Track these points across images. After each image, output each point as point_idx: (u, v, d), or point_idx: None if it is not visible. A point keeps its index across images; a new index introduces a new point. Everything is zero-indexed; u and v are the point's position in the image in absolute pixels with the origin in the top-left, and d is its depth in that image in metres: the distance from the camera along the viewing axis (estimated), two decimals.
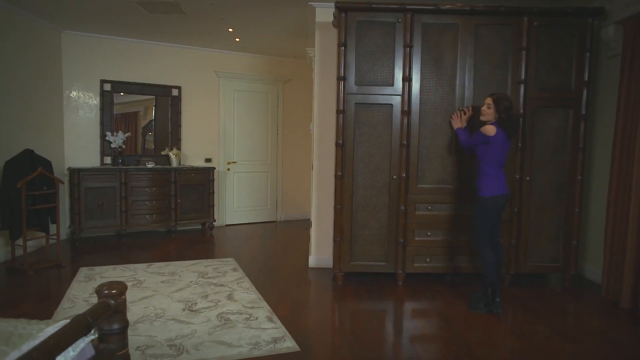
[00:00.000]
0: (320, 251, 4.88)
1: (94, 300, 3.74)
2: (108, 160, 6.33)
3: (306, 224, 7.34)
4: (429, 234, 4.26)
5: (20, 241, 4.64)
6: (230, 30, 5.87)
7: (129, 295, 3.68)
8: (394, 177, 4.22)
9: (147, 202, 6.14)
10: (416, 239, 4.27)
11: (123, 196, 5.95)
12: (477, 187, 3.71)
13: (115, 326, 2.06)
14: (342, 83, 4.14)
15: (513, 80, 4.17)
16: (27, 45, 5.31)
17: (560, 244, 4.30)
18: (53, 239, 4.97)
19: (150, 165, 6.30)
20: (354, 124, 4.19)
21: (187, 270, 4.62)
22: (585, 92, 4.18)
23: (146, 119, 6.84)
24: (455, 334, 3.22)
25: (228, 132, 7.25)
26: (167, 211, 6.31)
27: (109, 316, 2.02)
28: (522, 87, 4.17)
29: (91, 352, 1.94)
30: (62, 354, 1.72)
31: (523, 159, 4.22)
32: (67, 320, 2.03)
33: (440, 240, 4.28)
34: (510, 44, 4.16)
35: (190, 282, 4.25)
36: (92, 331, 1.96)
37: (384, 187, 4.25)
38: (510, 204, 4.22)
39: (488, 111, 3.66)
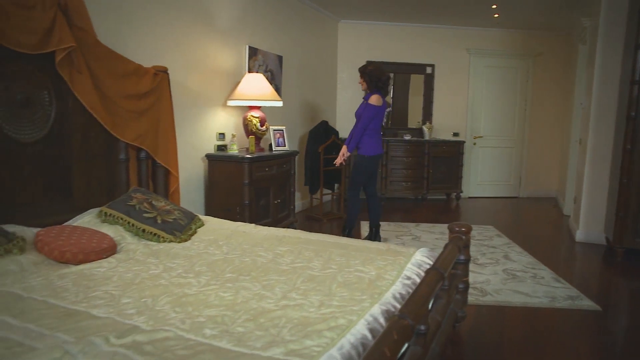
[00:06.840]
0: (589, 226, 4.80)
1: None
2: None
3: (552, 202, 7.17)
4: None
5: (315, 195, 5.77)
6: (494, 6, 6.02)
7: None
8: None
9: (403, 171, 6.83)
10: None
11: (384, 164, 6.74)
12: (358, 147, 4.08)
13: (462, 257, 2.58)
14: (639, 52, 3.97)
15: None
16: (314, 33, 6.39)
17: None
18: (335, 195, 6.02)
19: (407, 137, 6.96)
20: None
21: None
22: None
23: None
24: None
25: (476, 107, 7.46)
26: (419, 180, 6.91)
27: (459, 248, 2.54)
28: None
29: None
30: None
31: None
32: (425, 249, 2.65)
33: None
34: None
35: None
36: None
37: None
38: None
39: (362, 83, 4.08)
